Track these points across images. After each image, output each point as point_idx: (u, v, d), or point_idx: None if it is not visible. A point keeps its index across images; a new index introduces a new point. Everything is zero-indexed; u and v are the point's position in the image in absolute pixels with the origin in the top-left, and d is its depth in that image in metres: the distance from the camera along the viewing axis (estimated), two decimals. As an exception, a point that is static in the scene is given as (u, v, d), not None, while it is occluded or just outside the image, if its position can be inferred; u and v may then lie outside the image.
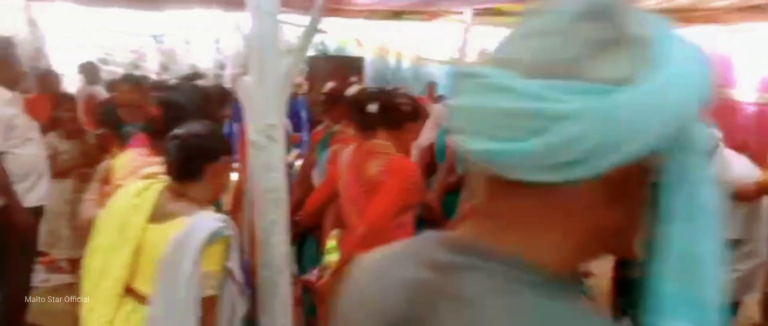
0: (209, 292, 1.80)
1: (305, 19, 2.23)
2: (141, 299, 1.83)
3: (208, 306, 1.81)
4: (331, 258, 2.64)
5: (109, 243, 1.87)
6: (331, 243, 2.66)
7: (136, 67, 8.74)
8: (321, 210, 2.82)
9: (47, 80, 5.61)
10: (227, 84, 7.52)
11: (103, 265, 1.86)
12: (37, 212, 3.67)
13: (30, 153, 3.52)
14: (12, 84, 3.49)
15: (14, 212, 3.36)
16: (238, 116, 3.18)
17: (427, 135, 3.83)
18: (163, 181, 1.94)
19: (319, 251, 2.83)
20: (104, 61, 7.99)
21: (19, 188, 3.43)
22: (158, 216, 1.87)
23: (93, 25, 8.47)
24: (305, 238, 3.04)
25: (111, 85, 6.68)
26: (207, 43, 9.30)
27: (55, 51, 8.00)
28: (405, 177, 2.51)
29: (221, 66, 9.24)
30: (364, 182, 2.59)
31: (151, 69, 8.57)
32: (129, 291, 1.85)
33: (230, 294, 1.92)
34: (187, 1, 7.36)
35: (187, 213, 1.83)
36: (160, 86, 2.70)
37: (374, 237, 2.54)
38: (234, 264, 1.88)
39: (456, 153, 3.50)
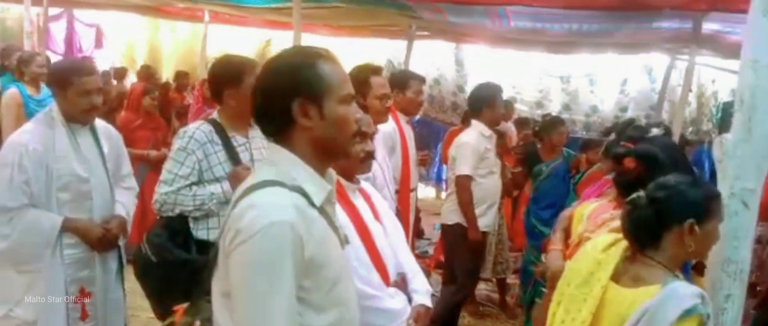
0: None
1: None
2: None
3: None
4: None
5: (571, 294, 1.86)
6: None
7: (541, 106, 9.08)
8: None
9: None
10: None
11: (564, 316, 1.86)
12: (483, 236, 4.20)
13: (490, 184, 4.12)
14: (493, 124, 4.15)
15: (469, 230, 3.94)
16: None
17: None
18: None
19: None
20: (513, 99, 8.51)
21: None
22: (622, 276, 1.79)
23: (507, 66, 9.16)
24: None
25: (520, 123, 7.10)
26: (611, 85, 9.09)
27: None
28: None
29: (623, 109, 8.91)
30: None
31: (553, 109, 8.77)
32: None
33: None
34: (596, 45, 7.36)
35: (660, 282, 1.70)
36: (640, 136, 2.66)
37: None
38: None
39: None
